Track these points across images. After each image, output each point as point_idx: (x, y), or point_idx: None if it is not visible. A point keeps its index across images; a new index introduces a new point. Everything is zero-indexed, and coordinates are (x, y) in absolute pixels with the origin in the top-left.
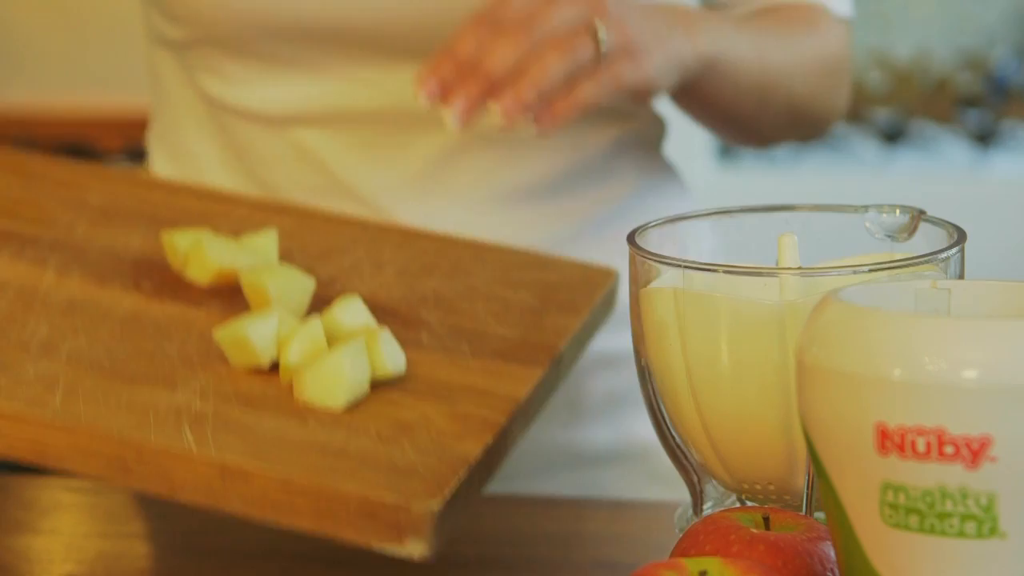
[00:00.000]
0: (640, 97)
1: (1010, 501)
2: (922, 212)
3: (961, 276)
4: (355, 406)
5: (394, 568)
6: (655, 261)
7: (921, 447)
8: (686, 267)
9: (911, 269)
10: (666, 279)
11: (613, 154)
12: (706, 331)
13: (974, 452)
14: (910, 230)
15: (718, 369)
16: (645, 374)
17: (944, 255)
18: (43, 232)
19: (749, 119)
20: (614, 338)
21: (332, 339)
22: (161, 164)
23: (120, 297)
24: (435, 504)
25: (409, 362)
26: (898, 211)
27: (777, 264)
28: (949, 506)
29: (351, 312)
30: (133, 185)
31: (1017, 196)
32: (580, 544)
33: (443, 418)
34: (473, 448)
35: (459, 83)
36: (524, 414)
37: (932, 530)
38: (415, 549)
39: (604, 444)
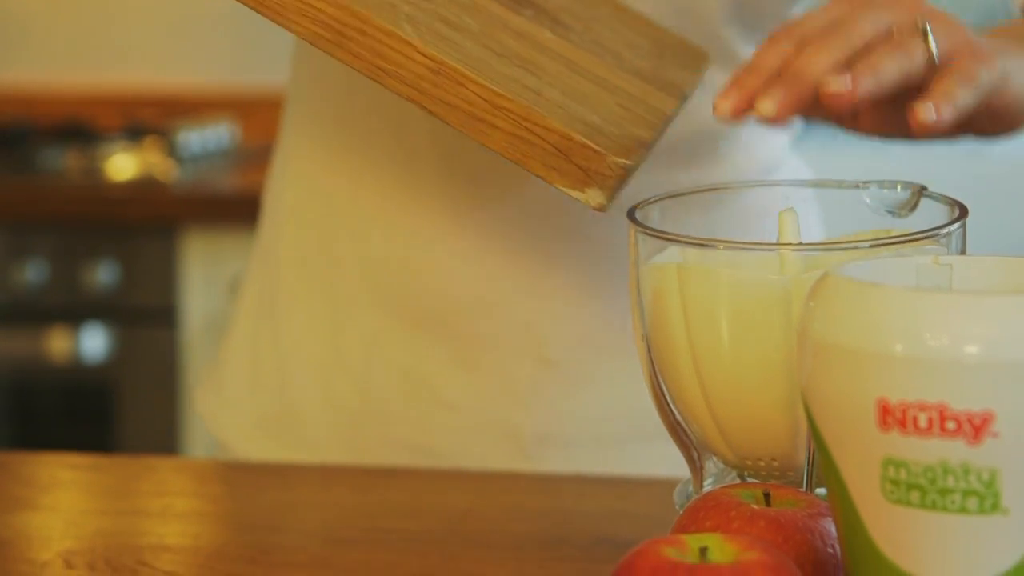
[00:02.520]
0: (1000, 114)
1: (1012, 477)
2: (923, 188)
3: (963, 252)
4: (538, 64)
5: (399, 552)
6: (657, 237)
7: (923, 423)
8: (688, 243)
9: (913, 245)
10: (668, 255)
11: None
12: (709, 307)
13: (976, 428)
14: (911, 206)
15: (721, 345)
16: (646, 350)
17: (946, 231)
18: None
19: None
20: None
21: None
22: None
23: None
24: (628, 160)
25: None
26: (899, 187)
27: (778, 240)
28: (951, 482)
29: None
30: None
31: (1018, 174)
32: (581, 521)
33: (612, 104)
34: (645, 134)
35: (770, 85)
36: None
37: (934, 506)
38: (594, 198)
39: None
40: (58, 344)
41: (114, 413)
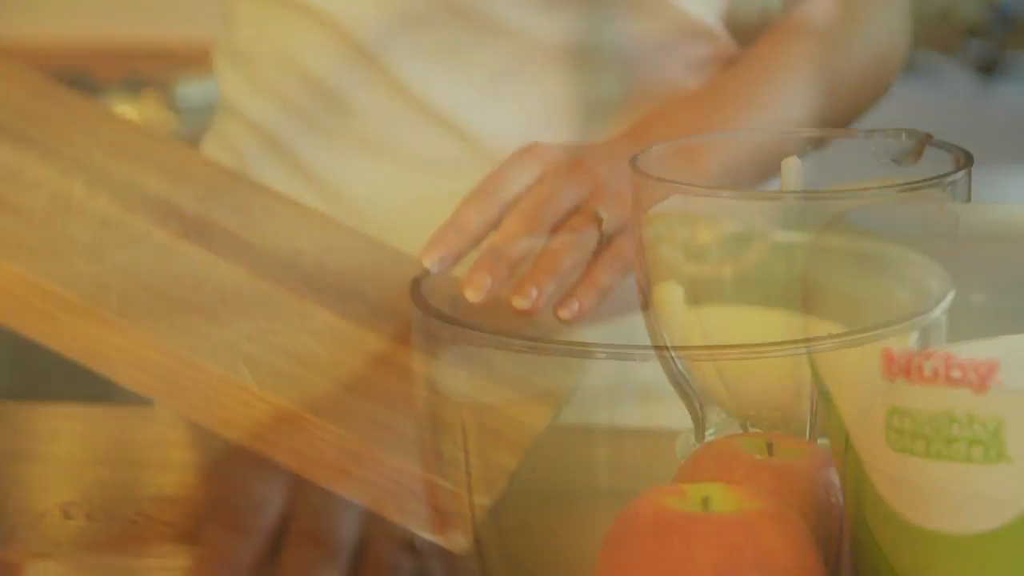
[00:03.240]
0: None
1: (1017, 426)
2: (928, 136)
3: (968, 200)
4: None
5: None
6: (659, 184)
7: (928, 371)
8: (690, 191)
9: (918, 193)
10: (670, 203)
11: (684, 79)
12: (711, 255)
13: (981, 376)
14: (916, 155)
15: (724, 293)
16: (647, 299)
17: (951, 179)
18: (64, 147)
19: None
20: None
21: None
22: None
23: (150, 228)
24: (490, 498)
25: None
26: (904, 135)
27: (781, 188)
28: (956, 431)
29: None
30: (140, 134)
31: (1020, 127)
32: (582, 471)
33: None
34: (510, 460)
35: (479, 265)
36: None
37: (938, 455)
38: (455, 542)
39: None
40: None
41: None
